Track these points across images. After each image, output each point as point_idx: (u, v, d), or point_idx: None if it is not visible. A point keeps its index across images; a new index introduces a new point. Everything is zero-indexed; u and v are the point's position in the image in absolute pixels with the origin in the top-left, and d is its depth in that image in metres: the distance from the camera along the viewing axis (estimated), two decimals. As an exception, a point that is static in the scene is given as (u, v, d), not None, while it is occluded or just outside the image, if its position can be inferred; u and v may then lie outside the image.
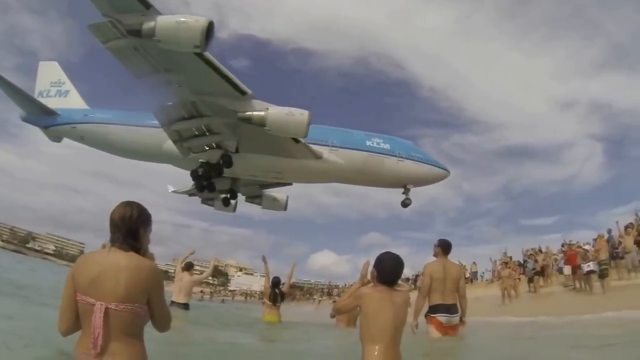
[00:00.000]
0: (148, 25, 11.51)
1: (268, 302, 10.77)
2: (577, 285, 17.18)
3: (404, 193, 17.97)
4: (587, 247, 17.38)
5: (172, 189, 25.02)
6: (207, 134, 15.58)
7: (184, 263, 10.51)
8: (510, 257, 25.53)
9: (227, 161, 15.53)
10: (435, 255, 6.53)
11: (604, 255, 15.13)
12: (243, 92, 13.87)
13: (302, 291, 60.90)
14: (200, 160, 16.52)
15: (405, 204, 18.12)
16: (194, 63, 12.69)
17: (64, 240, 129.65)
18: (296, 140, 15.06)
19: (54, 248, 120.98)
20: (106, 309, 2.33)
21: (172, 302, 9.62)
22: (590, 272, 15.66)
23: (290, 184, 19.65)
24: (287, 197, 21.57)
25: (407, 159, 17.48)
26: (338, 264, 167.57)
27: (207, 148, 16.12)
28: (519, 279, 20.48)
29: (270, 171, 17.31)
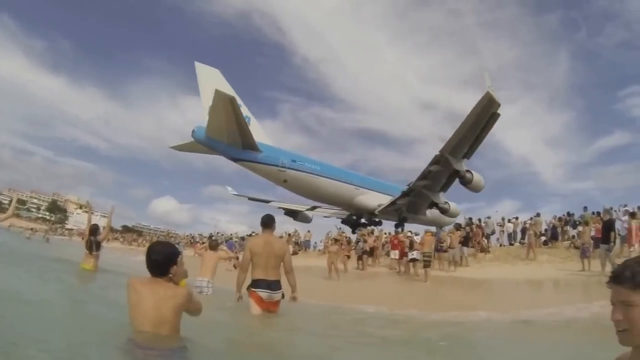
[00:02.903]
0: (469, 177, 19.97)
1: (85, 249, 10.29)
2: (402, 269, 18.28)
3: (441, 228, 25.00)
4: (416, 237, 18.26)
5: (234, 192, 30.32)
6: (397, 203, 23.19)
7: None
8: (343, 233, 26.47)
9: (404, 220, 23.96)
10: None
11: (427, 248, 16.04)
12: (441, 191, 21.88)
13: (142, 236, 56.94)
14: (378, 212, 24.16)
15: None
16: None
17: None
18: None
19: None
20: None
21: None
22: (414, 259, 16.85)
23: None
24: None
25: None
26: (179, 212, 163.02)
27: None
28: (349, 256, 21.06)
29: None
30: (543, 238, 20.52)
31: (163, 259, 3.12)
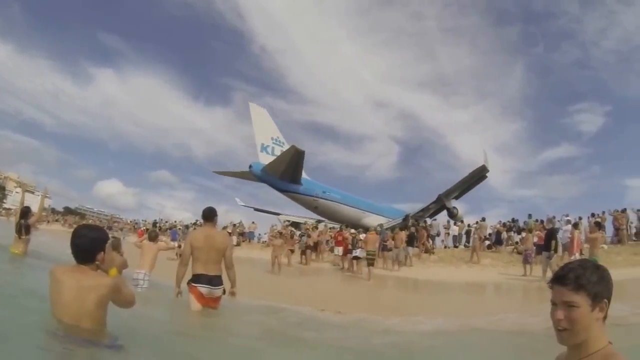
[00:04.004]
0: (455, 212, 27.10)
1: (15, 232, 9.70)
2: (345, 266, 17.94)
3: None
4: (362, 236, 17.94)
5: (242, 203, 35.27)
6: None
7: None
8: (288, 227, 25.97)
9: None
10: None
11: (371, 247, 15.85)
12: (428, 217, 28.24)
13: (85, 219, 53.98)
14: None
15: None
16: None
17: None
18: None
19: None
20: None
21: None
22: (357, 257, 16.63)
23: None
24: None
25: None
26: (124, 196, 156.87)
27: None
28: (292, 250, 20.48)
29: None
30: (487, 242, 20.71)
31: (88, 244, 2.82)
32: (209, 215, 5.93)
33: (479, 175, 26.37)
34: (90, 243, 2.80)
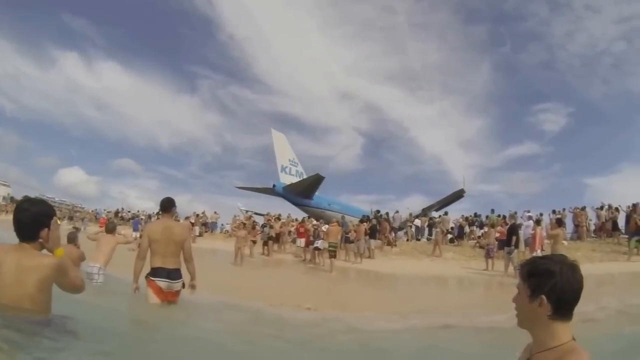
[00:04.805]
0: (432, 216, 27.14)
1: None
2: (308, 257, 17.68)
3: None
4: (324, 227, 17.68)
5: (243, 207, 35.16)
6: None
7: None
8: (251, 217, 25.56)
9: None
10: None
11: (333, 239, 15.57)
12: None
13: None
14: None
15: None
16: None
17: None
18: None
19: None
20: None
21: None
22: (317, 249, 16.51)
23: None
24: None
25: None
26: (86, 184, 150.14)
27: None
28: (255, 241, 20.03)
29: None
30: (450, 236, 20.81)
31: (30, 219, 2.55)
32: (167, 206, 5.79)
33: (458, 195, 30.75)
34: (33, 218, 2.53)
